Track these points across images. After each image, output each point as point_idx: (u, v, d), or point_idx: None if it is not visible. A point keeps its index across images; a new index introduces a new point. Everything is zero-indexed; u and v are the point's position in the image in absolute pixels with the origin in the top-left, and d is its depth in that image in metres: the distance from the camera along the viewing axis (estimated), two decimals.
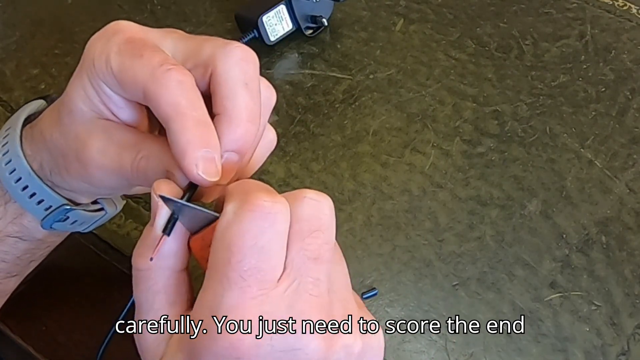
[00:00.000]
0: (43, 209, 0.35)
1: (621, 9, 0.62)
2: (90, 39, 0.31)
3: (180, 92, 0.28)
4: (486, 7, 0.62)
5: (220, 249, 0.26)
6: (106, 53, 0.29)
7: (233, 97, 0.29)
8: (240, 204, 0.26)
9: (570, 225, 0.47)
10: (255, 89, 0.30)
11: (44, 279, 0.45)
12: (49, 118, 0.34)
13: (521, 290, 0.44)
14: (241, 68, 0.29)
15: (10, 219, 0.36)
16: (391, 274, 0.45)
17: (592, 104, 0.54)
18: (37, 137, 0.34)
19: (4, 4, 0.64)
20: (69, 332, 0.44)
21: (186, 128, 0.27)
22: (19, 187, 0.35)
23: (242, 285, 0.25)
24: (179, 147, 0.27)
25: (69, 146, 0.32)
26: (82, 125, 0.31)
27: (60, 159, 0.33)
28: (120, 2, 0.63)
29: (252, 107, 0.29)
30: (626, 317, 0.43)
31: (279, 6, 0.57)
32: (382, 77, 0.57)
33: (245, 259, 0.25)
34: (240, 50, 0.30)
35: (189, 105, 0.28)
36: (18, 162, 0.34)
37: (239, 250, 0.25)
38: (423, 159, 0.51)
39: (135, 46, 0.29)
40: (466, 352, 0.42)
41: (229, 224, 0.26)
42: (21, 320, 0.44)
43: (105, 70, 0.29)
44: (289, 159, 0.51)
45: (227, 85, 0.29)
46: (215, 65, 0.29)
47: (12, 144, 0.35)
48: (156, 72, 0.28)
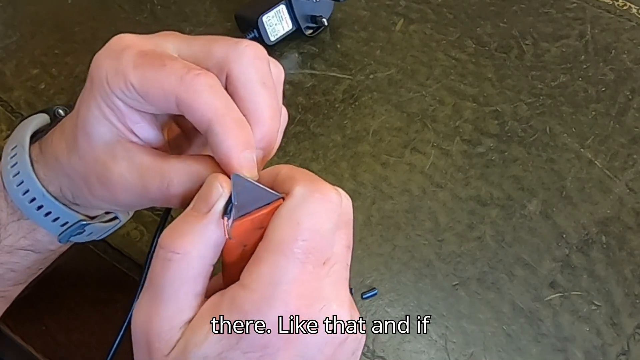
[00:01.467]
0: (59, 225, 0.35)
1: (621, 9, 0.62)
2: (95, 57, 0.31)
3: (215, 95, 0.29)
4: (486, 7, 0.62)
5: (286, 226, 0.27)
6: (122, 70, 0.29)
7: (254, 99, 0.30)
8: (311, 189, 0.28)
9: (570, 225, 0.47)
10: (271, 85, 0.31)
11: (44, 279, 0.45)
12: (63, 143, 0.33)
13: (521, 290, 0.44)
14: (256, 67, 0.30)
15: (23, 234, 0.36)
16: (391, 274, 0.45)
17: (592, 104, 0.54)
18: (52, 162, 0.34)
19: (4, 4, 0.64)
20: (69, 332, 0.44)
21: (229, 130, 0.28)
22: (33, 206, 0.34)
23: (303, 260, 0.27)
24: (223, 150, 0.28)
25: (89, 171, 0.32)
26: (101, 149, 0.31)
27: (82, 184, 0.33)
28: (120, 2, 0.63)
29: (272, 104, 0.30)
30: (626, 317, 0.43)
31: (279, 6, 0.57)
32: (382, 77, 0.57)
33: (311, 239, 0.27)
34: (252, 49, 0.30)
35: (226, 108, 0.29)
36: (31, 184, 0.34)
37: (307, 229, 0.27)
38: (423, 159, 0.51)
39: (153, 57, 0.29)
40: (466, 352, 0.42)
41: (300, 204, 0.27)
42: (21, 320, 0.44)
43: (124, 87, 0.29)
44: (289, 158, 0.51)
45: (246, 87, 0.30)
46: (231, 67, 0.30)
47: (22, 165, 0.34)
48: (185, 78, 0.28)
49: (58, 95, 0.55)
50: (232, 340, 0.26)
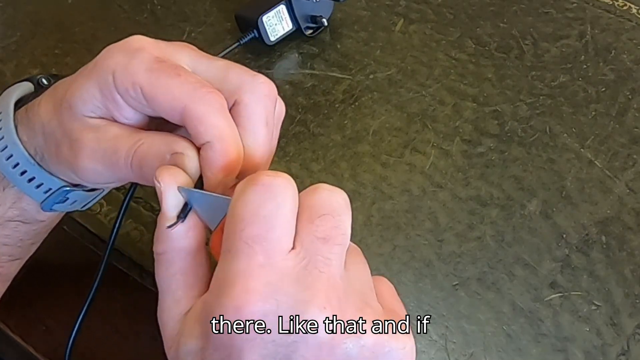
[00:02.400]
0: (42, 192, 0.36)
1: (621, 9, 0.62)
2: (107, 48, 0.31)
3: (223, 116, 0.30)
4: (486, 7, 0.62)
5: (228, 223, 0.27)
6: (132, 70, 0.30)
7: (254, 135, 0.31)
8: (247, 181, 0.28)
9: (570, 225, 0.47)
10: (272, 125, 0.32)
11: (44, 279, 0.45)
12: (49, 105, 0.34)
13: (521, 290, 0.44)
14: (265, 105, 0.31)
15: (10, 204, 0.36)
16: (391, 274, 0.45)
17: (592, 104, 0.54)
18: (34, 121, 0.34)
19: (4, 4, 0.64)
20: (69, 331, 0.44)
21: (227, 152, 0.29)
22: (17, 172, 0.35)
23: (249, 252, 0.26)
24: (215, 167, 0.29)
25: (64, 135, 0.33)
26: (80, 122, 0.32)
27: (53, 146, 0.33)
28: (120, 2, 0.63)
29: (268, 144, 0.32)
30: (626, 317, 0.43)
31: (279, 6, 0.57)
32: (382, 77, 0.57)
33: (249, 227, 0.27)
34: (266, 87, 0.31)
35: (230, 130, 0.30)
36: (15, 149, 0.34)
37: (242, 219, 0.27)
38: (423, 159, 0.51)
39: (168, 66, 0.30)
40: (466, 352, 0.42)
41: (237, 199, 0.28)
42: (21, 320, 0.44)
43: (131, 86, 0.30)
44: (289, 159, 0.51)
45: (250, 121, 0.31)
46: (241, 97, 0.31)
47: (6, 130, 0.35)
48: (198, 92, 0.29)
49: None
50: (205, 340, 0.27)
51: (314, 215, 0.28)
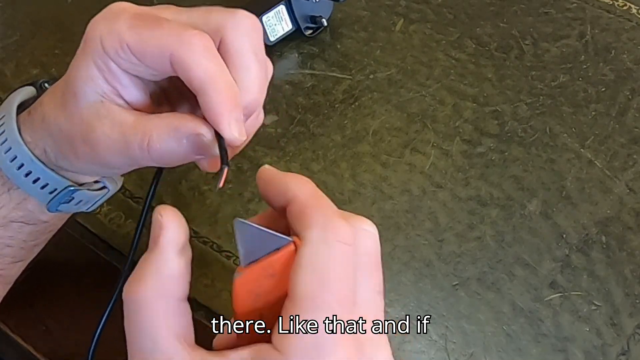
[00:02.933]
0: (47, 192, 0.35)
1: (621, 9, 0.62)
2: (91, 21, 0.31)
3: (210, 56, 0.29)
4: (486, 7, 0.62)
5: (312, 280, 0.25)
6: (117, 31, 0.30)
7: (246, 69, 0.30)
8: (325, 232, 0.26)
9: (570, 225, 0.47)
10: (262, 58, 0.31)
11: (44, 279, 0.45)
12: (52, 103, 0.34)
13: (521, 290, 0.44)
14: (251, 37, 0.31)
15: (14, 205, 0.36)
16: (391, 274, 0.45)
17: (592, 104, 0.54)
18: (38, 123, 0.34)
19: (4, 4, 0.64)
20: (69, 332, 0.44)
21: (220, 91, 0.29)
22: (21, 173, 0.35)
23: (337, 312, 0.25)
24: (214, 109, 0.29)
25: (74, 130, 0.32)
26: (87, 109, 0.32)
27: (66, 144, 0.33)
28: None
29: (262, 77, 0.31)
30: (626, 317, 0.43)
31: (279, 6, 0.57)
32: (382, 77, 0.57)
33: (339, 290, 0.25)
34: (250, 20, 0.31)
35: (219, 70, 0.29)
36: (19, 150, 0.34)
37: (333, 280, 0.25)
38: (423, 159, 0.51)
39: (149, 18, 0.30)
40: (466, 352, 0.42)
41: (318, 252, 0.25)
42: (21, 320, 0.44)
43: (119, 47, 0.30)
44: (289, 159, 0.51)
45: (239, 55, 0.30)
46: (226, 34, 0.30)
47: (9, 131, 0.35)
48: (183, 37, 0.29)
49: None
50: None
51: (373, 268, 0.28)
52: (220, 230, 0.47)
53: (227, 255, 0.46)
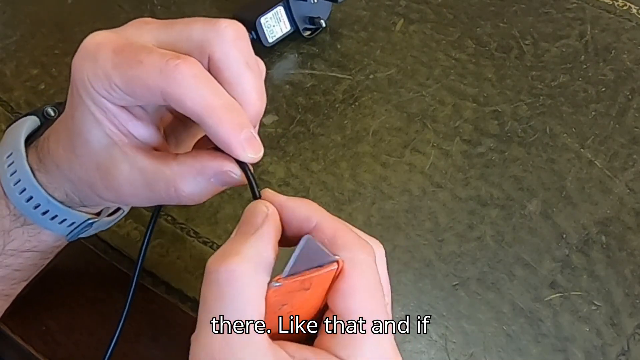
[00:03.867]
0: (66, 226, 0.35)
1: (621, 9, 0.62)
2: (72, 61, 0.30)
3: (200, 84, 0.28)
4: (486, 7, 0.62)
5: (368, 297, 0.28)
6: (102, 72, 0.28)
7: (240, 82, 0.29)
8: (365, 251, 0.28)
9: (570, 225, 0.47)
10: (254, 64, 0.30)
11: (44, 279, 0.45)
12: (61, 150, 0.32)
13: (521, 290, 0.44)
14: (239, 48, 0.29)
15: (28, 237, 0.36)
16: (391, 274, 0.45)
17: (592, 104, 0.54)
18: (53, 170, 0.33)
19: (4, 4, 0.64)
20: (69, 332, 0.44)
21: (221, 118, 0.28)
22: (38, 212, 0.34)
23: (382, 317, 0.28)
24: (221, 138, 0.28)
25: (92, 177, 0.31)
26: (101, 155, 0.30)
27: (88, 189, 0.32)
28: (120, 2, 0.63)
29: (258, 85, 0.30)
30: (626, 317, 0.43)
31: (277, 8, 0.57)
32: (382, 77, 0.57)
33: (381, 297, 0.28)
34: (233, 29, 0.29)
35: (214, 96, 0.28)
36: (34, 192, 0.33)
37: (379, 290, 0.28)
38: (423, 159, 0.51)
39: (128, 54, 0.28)
40: (466, 352, 0.42)
41: (365, 270, 0.28)
42: (21, 320, 0.44)
43: (110, 88, 0.28)
44: (289, 159, 0.51)
45: (231, 69, 0.29)
46: (213, 50, 0.29)
47: (22, 172, 0.34)
48: (165, 71, 0.27)
49: (58, 95, 0.55)
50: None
51: (384, 278, 0.31)
52: (220, 230, 0.47)
53: None
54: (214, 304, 0.26)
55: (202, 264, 0.46)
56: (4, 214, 0.35)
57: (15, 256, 0.36)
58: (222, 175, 0.29)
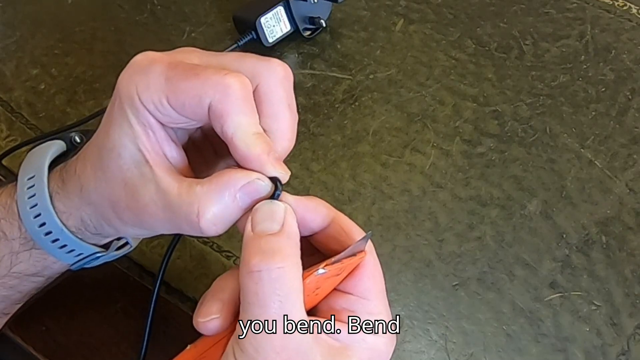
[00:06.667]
0: (73, 256, 0.35)
1: (621, 9, 0.62)
2: (121, 76, 0.30)
3: (245, 107, 0.29)
4: (486, 7, 0.62)
5: (379, 277, 0.32)
6: (154, 84, 0.29)
7: (279, 119, 0.31)
8: (369, 251, 0.32)
9: (570, 225, 0.47)
10: (294, 107, 0.32)
11: None
12: (88, 169, 0.32)
13: (521, 290, 0.44)
14: (284, 87, 0.31)
15: (34, 262, 0.36)
16: (391, 274, 0.45)
17: (592, 104, 0.54)
18: (75, 193, 0.33)
19: (4, 4, 0.64)
20: (69, 332, 0.44)
21: (254, 141, 0.29)
22: (48, 239, 0.34)
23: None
24: (252, 156, 0.29)
25: (117, 195, 0.31)
26: (130, 171, 0.30)
27: (109, 209, 0.32)
28: (120, 2, 0.63)
29: (293, 126, 0.32)
30: (626, 317, 0.43)
31: (277, 8, 0.57)
32: (382, 77, 0.57)
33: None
34: (283, 69, 0.31)
35: (252, 122, 0.29)
36: (49, 218, 0.33)
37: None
38: (423, 159, 0.51)
39: (184, 68, 0.29)
40: (466, 352, 0.42)
41: (375, 259, 0.33)
42: (21, 320, 0.44)
43: (158, 101, 0.29)
44: (289, 159, 0.51)
45: (273, 105, 0.31)
46: (262, 82, 0.30)
47: (40, 197, 0.33)
48: (221, 83, 0.28)
49: (58, 95, 0.55)
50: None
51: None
52: None
53: (227, 255, 0.46)
54: (255, 300, 0.27)
55: (202, 264, 0.46)
56: (15, 236, 0.35)
57: (20, 279, 0.36)
58: (249, 186, 0.29)
